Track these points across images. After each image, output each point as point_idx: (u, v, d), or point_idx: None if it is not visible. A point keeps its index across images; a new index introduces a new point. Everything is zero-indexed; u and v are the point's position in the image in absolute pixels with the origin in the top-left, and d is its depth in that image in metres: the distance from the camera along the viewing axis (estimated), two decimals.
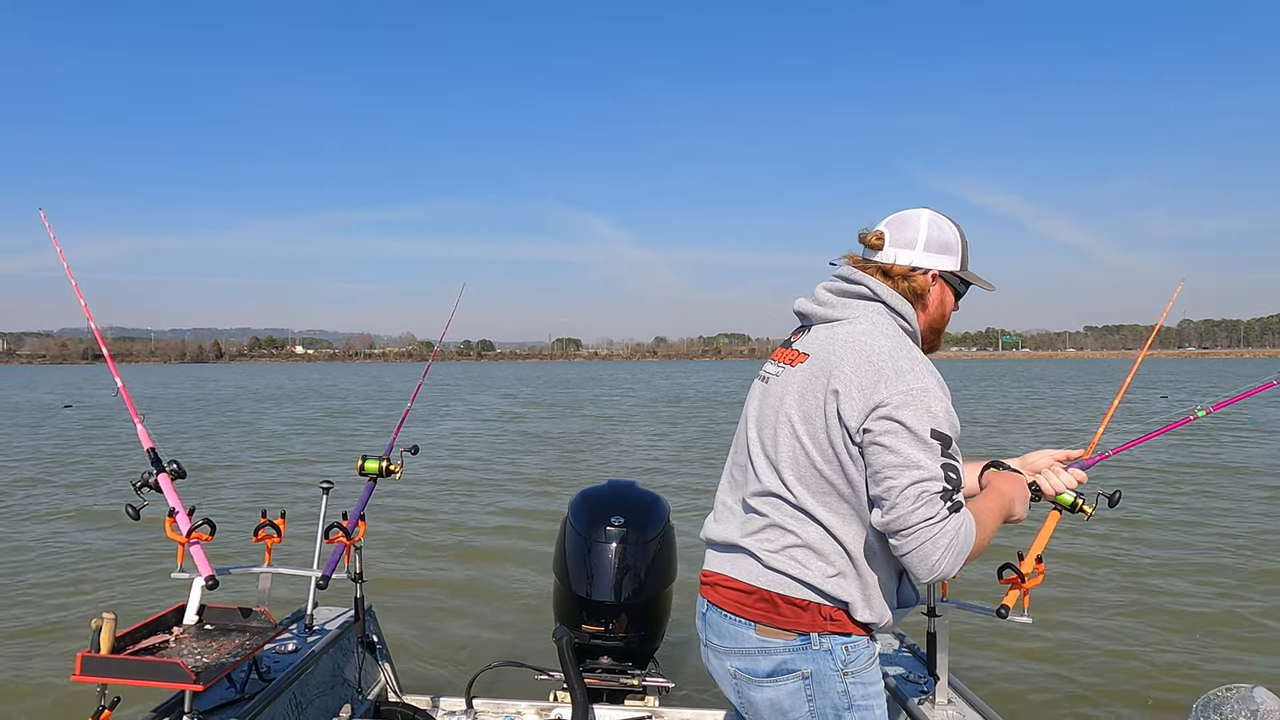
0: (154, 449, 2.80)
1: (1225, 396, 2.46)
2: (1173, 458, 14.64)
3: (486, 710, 3.34)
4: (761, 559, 1.79)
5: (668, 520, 3.47)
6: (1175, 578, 7.10)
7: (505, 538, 8.84)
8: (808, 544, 1.75)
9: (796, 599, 1.75)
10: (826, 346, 1.77)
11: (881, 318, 1.79)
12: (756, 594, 1.79)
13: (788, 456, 1.77)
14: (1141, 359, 3.20)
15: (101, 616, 2.28)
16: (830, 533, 1.75)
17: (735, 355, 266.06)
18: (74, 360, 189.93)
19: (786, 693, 1.77)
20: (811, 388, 1.75)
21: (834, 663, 1.76)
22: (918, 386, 1.63)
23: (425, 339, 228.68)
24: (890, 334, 1.74)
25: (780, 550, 1.77)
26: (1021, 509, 1.88)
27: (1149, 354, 3.12)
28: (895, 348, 1.70)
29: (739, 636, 1.81)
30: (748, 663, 1.80)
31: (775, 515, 1.78)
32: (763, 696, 1.79)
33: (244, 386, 53.38)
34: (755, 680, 1.79)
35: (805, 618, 1.75)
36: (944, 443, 1.61)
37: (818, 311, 1.85)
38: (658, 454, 16.39)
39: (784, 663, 1.77)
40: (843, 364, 1.71)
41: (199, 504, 2.89)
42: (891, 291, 1.81)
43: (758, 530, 1.81)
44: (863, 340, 1.73)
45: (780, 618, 1.76)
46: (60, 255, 3.05)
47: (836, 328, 1.80)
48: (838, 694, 1.76)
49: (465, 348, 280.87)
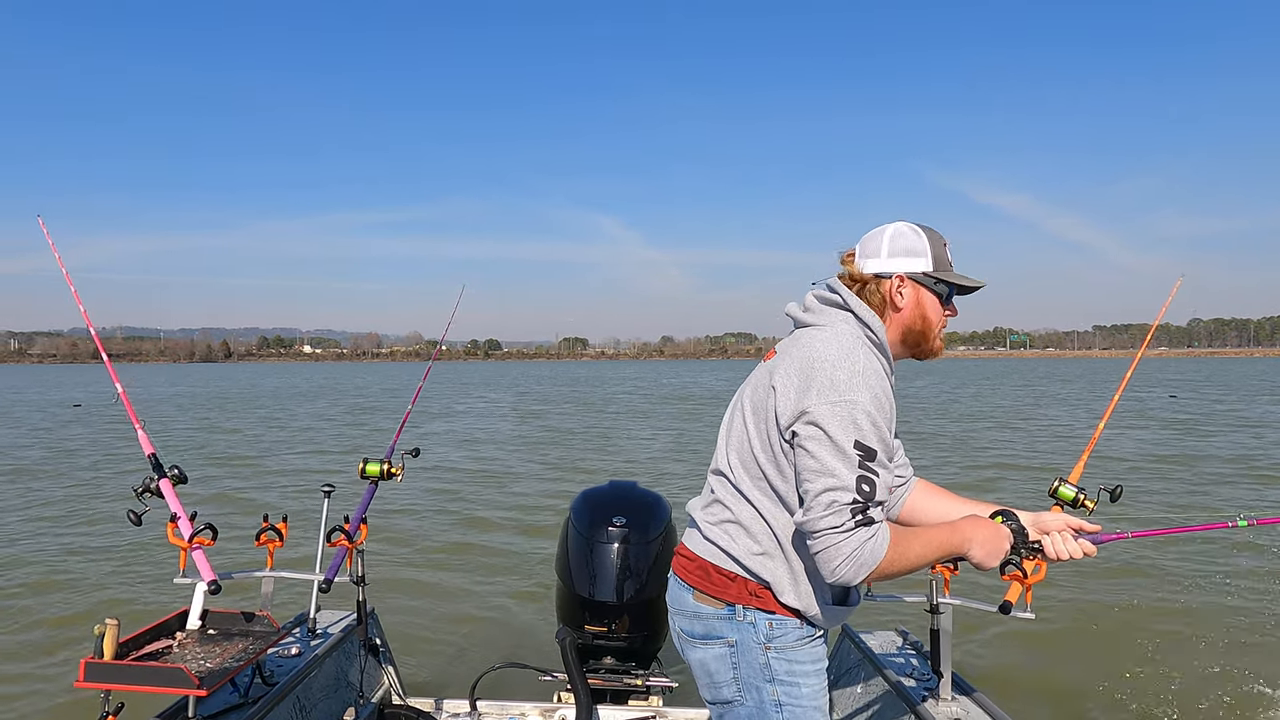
0: (155, 454, 2.82)
1: (1274, 514, 2.34)
2: (1171, 453, 14.60)
3: (490, 712, 3.35)
4: (702, 530, 1.95)
5: (669, 520, 3.47)
6: (1177, 573, 7.08)
7: (507, 538, 8.85)
8: (739, 521, 1.88)
9: (725, 570, 1.89)
10: (789, 347, 1.89)
11: (847, 327, 1.87)
12: (696, 562, 1.94)
13: (735, 441, 1.92)
14: (1137, 363, 3.20)
15: (104, 622, 2.29)
16: (761, 515, 1.86)
17: (742, 354, 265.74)
18: (84, 359, 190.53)
19: (713, 656, 1.91)
20: (763, 382, 1.88)
21: (756, 635, 1.86)
22: (848, 399, 1.71)
23: (432, 338, 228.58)
24: (845, 344, 1.80)
25: (718, 524, 1.91)
26: (982, 554, 1.86)
27: (1158, 353, 3.10)
28: (842, 358, 1.77)
29: (681, 599, 1.97)
30: (685, 624, 1.96)
31: (720, 492, 1.94)
32: (694, 656, 1.96)
33: (259, 385, 53.55)
34: (690, 640, 1.95)
35: (732, 589, 1.88)
36: (865, 455, 1.68)
37: (801, 317, 1.97)
38: (659, 453, 16.40)
39: (713, 629, 1.90)
40: (789, 364, 1.82)
41: (200, 508, 2.90)
42: (860, 302, 1.89)
43: (707, 504, 1.98)
44: (814, 346, 1.82)
45: (711, 586, 1.90)
46: (58, 260, 3.06)
47: (805, 333, 1.91)
48: (759, 665, 1.87)
49: (473, 347, 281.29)
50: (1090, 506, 2.73)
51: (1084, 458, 2.93)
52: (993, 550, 1.87)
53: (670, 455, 16.05)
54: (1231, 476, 12.26)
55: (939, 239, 1.93)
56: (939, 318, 1.93)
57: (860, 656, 3.33)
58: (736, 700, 1.90)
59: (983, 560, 1.86)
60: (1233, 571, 7.14)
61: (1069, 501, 2.74)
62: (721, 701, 1.94)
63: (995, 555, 1.87)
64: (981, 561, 1.86)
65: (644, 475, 12.80)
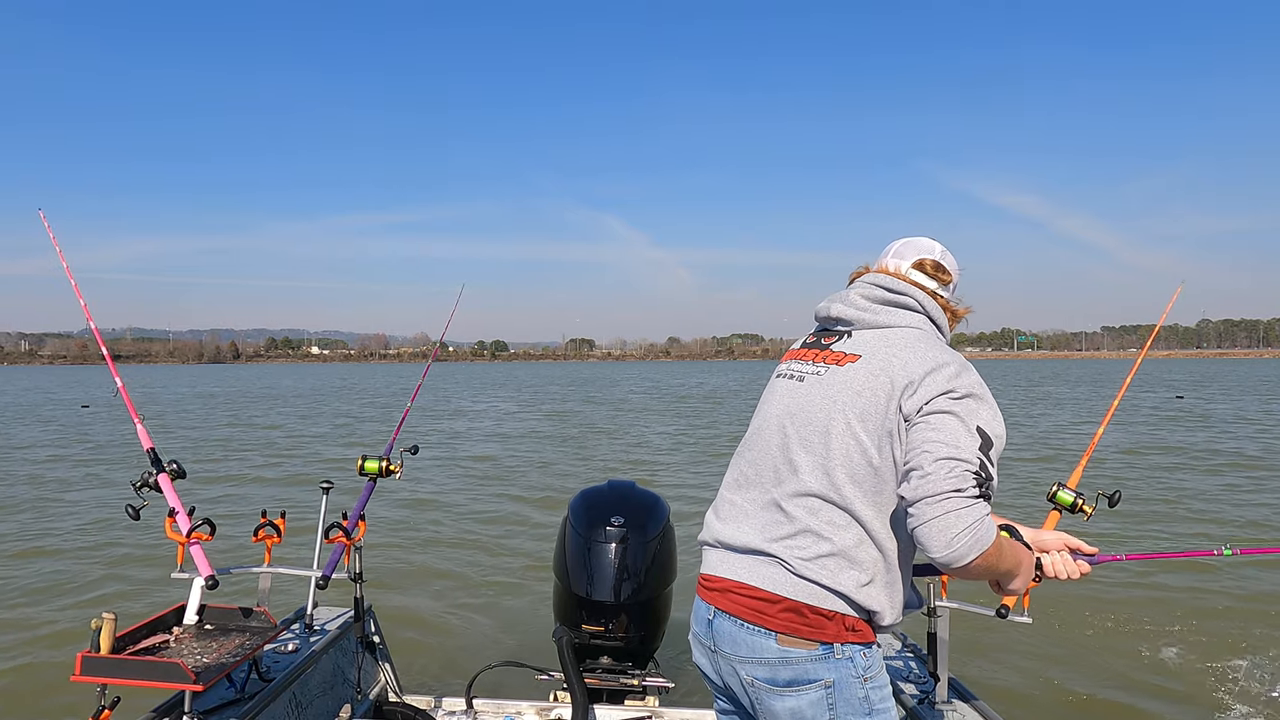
0: (154, 449, 2.83)
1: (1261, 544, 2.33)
2: (1170, 445, 14.53)
3: (487, 710, 3.35)
4: (792, 566, 1.75)
5: (667, 520, 3.47)
6: (1177, 577, 7.05)
7: (506, 537, 8.85)
8: (842, 552, 1.74)
9: (825, 609, 1.73)
10: (884, 348, 1.82)
11: (930, 329, 1.90)
12: (782, 603, 1.75)
13: (840, 454, 1.76)
14: (1137, 367, 3.18)
15: (101, 617, 2.31)
16: (870, 534, 1.75)
17: (748, 355, 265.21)
18: (94, 361, 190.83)
19: (809, 702, 1.75)
20: (871, 385, 1.77)
21: (855, 670, 1.76)
22: (978, 392, 1.73)
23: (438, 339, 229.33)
24: (946, 349, 1.83)
25: (814, 559, 1.74)
26: (1021, 583, 1.83)
27: (1166, 354, 3.09)
28: (943, 349, 1.81)
29: (758, 646, 1.77)
30: (767, 672, 1.77)
31: (812, 520, 1.76)
32: (784, 706, 1.77)
33: (278, 384, 53.77)
34: (775, 689, 1.77)
35: (830, 628, 1.74)
36: (986, 443, 1.67)
37: (861, 317, 1.89)
38: (659, 453, 16.39)
39: (806, 672, 1.74)
40: (911, 362, 1.77)
41: (199, 504, 2.91)
42: (937, 308, 1.93)
43: (788, 535, 1.77)
44: (927, 344, 1.81)
45: (806, 628, 1.74)
46: (59, 255, 3.08)
47: (890, 333, 1.86)
48: (858, 700, 1.76)
49: (479, 348, 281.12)
50: (1089, 511, 2.69)
51: (1083, 462, 2.89)
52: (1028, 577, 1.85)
53: (669, 455, 16.04)
54: (1231, 474, 12.23)
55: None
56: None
57: None
58: None
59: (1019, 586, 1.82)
60: (1234, 575, 7.11)
61: (1067, 506, 2.70)
62: None
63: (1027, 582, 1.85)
64: (1018, 588, 1.83)
65: (641, 475, 12.80)
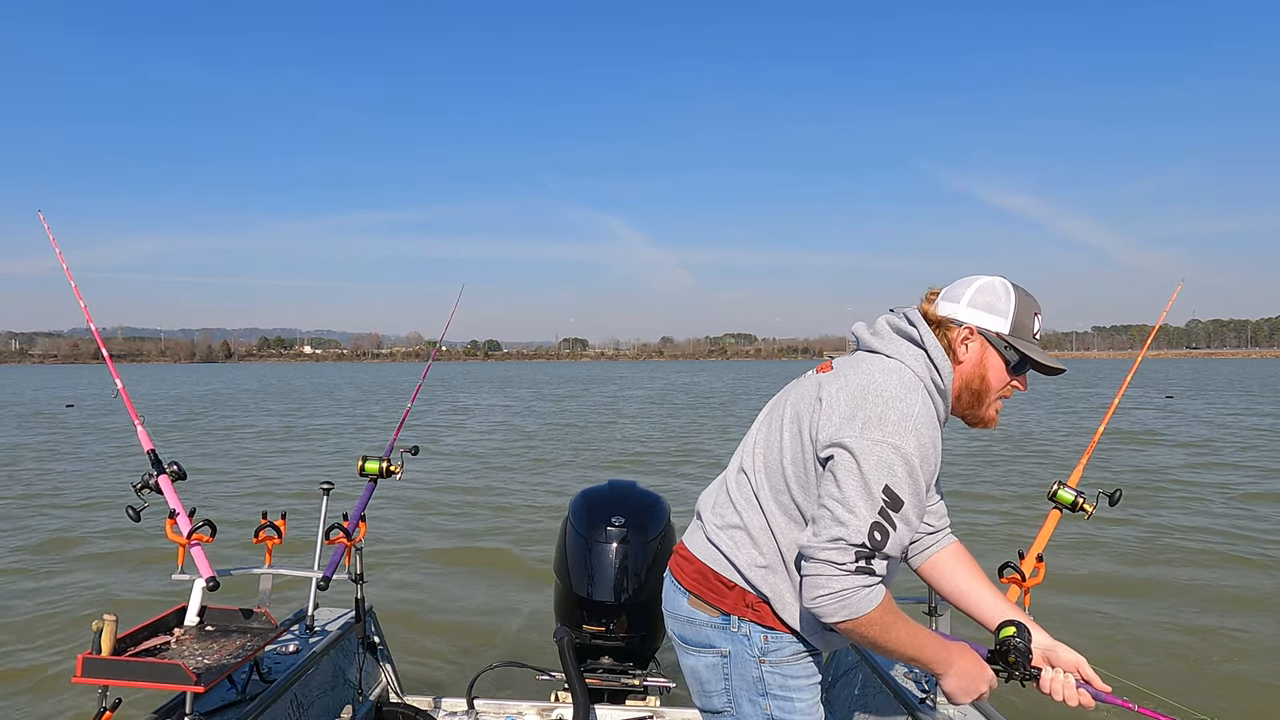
0: (154, 450, 2.81)
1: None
2: (1171, 458, 14.59)
3: (488, 711, 3.34)
4: (707, 531, 1.87)
5: (668, 520, 3.47)
6: (1178, 578, 7.07)
7: (506, 538, 8.85)
8: (747, 528, 1.80)
9: (724, 578, 1.81)
10: (847, 367, 1.80)
11: (917, 364, 1.77)
12: (695, 564, 1.87)
13: (766, 445, 1.83)
14: (1137, 366, 3.19)
15: (102, 618, 2.29)
16: (771, 528, 1.77)
17: (741, 355, 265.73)
18: (85, 360, 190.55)
19: (705, 665, 1.85)
20: (810, 393, 1.79)
21: (751, 648, 1.79)
22: (892, 441, 1.61)
23: (432, 339, 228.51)
24: (905, 382, 1.71)
25: (724, 527, 1.83)
26: (955, 686, 1.76)
27: (1156, 354, 3.10)
28: (898, 397, 1.67)
29: (676, 603, 1.90)
30: (678, 628, 1.90)
31: (735, 493, 1.85)
32: (687, 662, 1.89)
33: (289, 382, 53.66)
34: (683, 646, 1.89)
35: (729, 598, 1.80)
36: (891, 503, 1.59)
37: (868, 340, 1.85)
38: (659, 453, 16.39)
39: (706, 637, 1.84)
40: (843, 384, 1.73)
41: (198, 504, 2.90)
42: (935, 341, 1.79)
43: (716, 505, 1.89)
44: (873, 375, 1.73)
45: (710, 593, 1.83)
46: (59, 256, 3.06)
47: (868, 357, 1.81)
48: (753, 678, 1.80)
49: (472, 348, 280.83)
50: (1089, 510, 2.70)
51: (1084, 460, 2.88)
52: (967, 688, 1.76)
53: (670, 454, 16.05)
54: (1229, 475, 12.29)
55: (1030, 306, 1.82)
56: (1001, 384, 1.83)
57: (857, 659, 3.33)
58: (726, 711, 1.85)
59: (953, 692, 1.76)
60: (1235, 577, 7.14)
61: (1068, 505, 2.70)
62: (711, 710, 1.89)
63: (968, 693, 1.77)
64: (952, 693, 1.76)
65: (644, 475, 12.80)
